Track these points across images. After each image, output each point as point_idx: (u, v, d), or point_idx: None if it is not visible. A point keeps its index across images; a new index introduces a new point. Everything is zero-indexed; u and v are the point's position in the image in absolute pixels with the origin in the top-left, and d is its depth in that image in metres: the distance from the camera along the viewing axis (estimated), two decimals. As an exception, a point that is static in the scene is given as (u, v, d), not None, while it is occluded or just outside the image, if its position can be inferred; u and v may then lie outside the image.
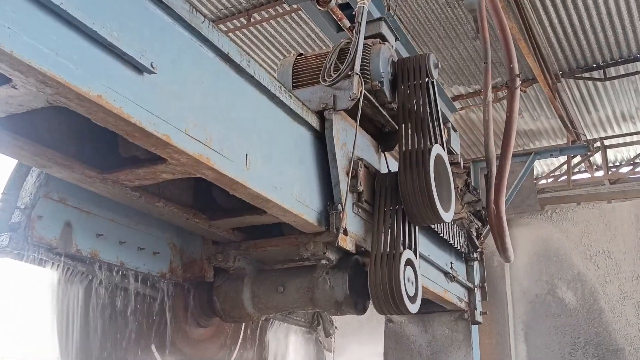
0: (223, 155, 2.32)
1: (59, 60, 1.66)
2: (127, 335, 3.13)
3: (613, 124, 11.72)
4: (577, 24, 8.86)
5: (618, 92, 10.64)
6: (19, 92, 1.75)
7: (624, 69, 9.96)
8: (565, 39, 9.24)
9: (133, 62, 1.89)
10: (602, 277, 8.69)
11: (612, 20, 8.76)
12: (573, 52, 9.60)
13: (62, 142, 2.38)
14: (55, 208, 2.66)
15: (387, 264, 3.06)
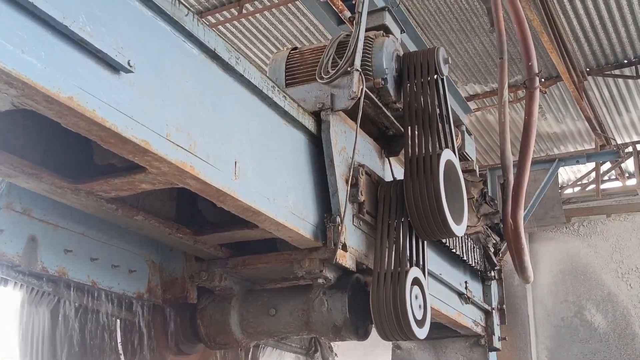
0: (209, 163, 2.31)
1: (24, 59, 1.66)
2: None
3: (646, 126, 11.74)
4: (606, 16, 8.88)
5: (652, 91, 10.66)
6: None
7: (658, 66, 9.98)
8: (592, 32, 9.25)
9: (108, 60, 1.89)
10: (635, 297, 8.71)
11: (645, 11, 8.79)
12: (602, 47, 9.62)
13: (30, 148, 2.38)
14: (18, 220, 2.66)
15: (391, 283, 3.04)
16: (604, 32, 9.26)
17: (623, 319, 8.65)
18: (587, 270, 9.05)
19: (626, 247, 8.94)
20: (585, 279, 9.01)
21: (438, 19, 9.04)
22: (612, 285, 8.87)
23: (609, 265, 8.93)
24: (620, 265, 8.86)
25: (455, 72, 9.93)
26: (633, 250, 8.89)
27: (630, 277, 8.78)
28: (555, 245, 9.26)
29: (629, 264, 8.84)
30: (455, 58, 9.55)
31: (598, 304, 8.87)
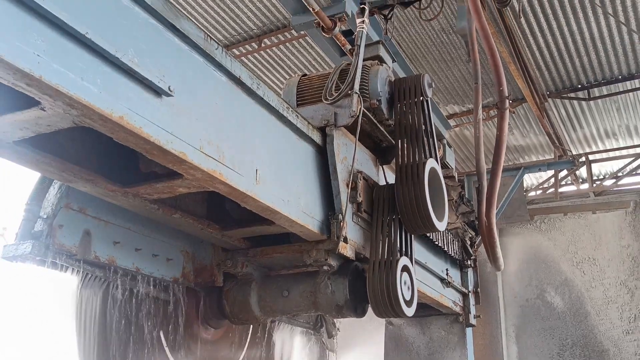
0: (235, 170, 2.32)
1: (84, 85, 1.67)
2: (142, 337, 3.12)
3: (597, 141, 11.72)
4: (563, 48, 8.90)
5: (602, 111, 10.65)
6: (47, 114, 1.77)
7: (606, 90, 9.99)
8: (552, 61, 9.27)
9: (152, 86, 1.90)
10: (587, 282, 8.66)
11: (595, 44, 8.80)
12: (559, 74, 9.63)
13: (87, 158, 2.38)
14: (75, 218, 2.65)
15: (384, 270, 3.04)
16: (562, 61, 9.29)
17: (577, 300, 8.60)
18: (548, 260, 9.01)
19: (580, 240, 8.90)
20: (546, 267, 8.98)
21: (423, 51, 9.06)
22: (568, 272, 8.83)
23: (566, 256, 8.89)
24: (575, 255, 8.82)
25: (437, 95, 9.93)
26: (586, 243, 8.86)
27: (583, 265, 8.74)
28: (521, 239, 9.23)
29: (582, 255, 8.80)
30: (437, 83, 9.56)
31: (557, 287, 8.83)
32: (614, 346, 8.23)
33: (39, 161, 2.19)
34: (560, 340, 8.56)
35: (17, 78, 1.55)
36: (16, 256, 2.49)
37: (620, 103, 10.46)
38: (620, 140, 11.73)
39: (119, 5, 1.84)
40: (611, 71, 9.55)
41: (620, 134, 11.50)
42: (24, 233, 2.52)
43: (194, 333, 3.49)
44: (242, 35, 8.93)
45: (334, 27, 4.60)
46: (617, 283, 8.50)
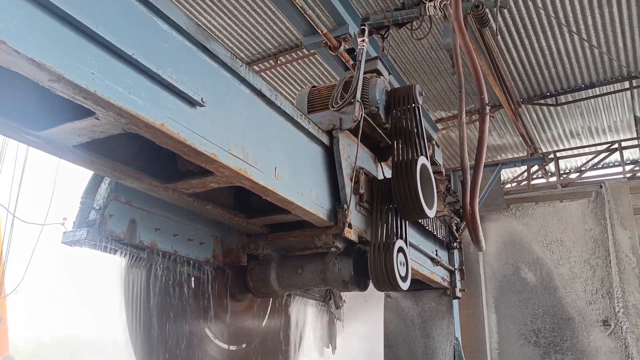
0: (257, 168, 2.32)
1: (131, 98, 1.69)
2: (180, 308, 3.14)
3: (564, 140, 11.66)
4: (534, 61, 8.85)
5: (567, 114, 10.60)
6: (101, 122, 1.79)
7: (571, 97, 9.93)
8: (524, 73, 9.23)
9: (188, 98, 1.91)
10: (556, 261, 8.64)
11: (562, 57, 8.75)
12: (531, 83, 9.58)
13: (133, 159, 2.39)
14: (123, 208, 2.66)
15: (383, 251, 3.05)
16: (533, 73, 9.23)
17: (547, 276, 8.58)
18: (522, 242, 8.99)
19: (549, 225, 8.86)
20: (520, 248, 8.95)
21: (415, 65, 9.03)
22: (539, 252, 8.80)
23: (537, 238, 8.86)
24: (545, 238, 8.79)
25: (427, 102, 9.89)
26: (554, 228, 8.82)
27: (552, 246, 8.71)
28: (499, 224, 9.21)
29: (551, 237, 8.77)
30: (427, 92, 9.54)
31: (529, 265, 8.80)
32: (579, 314, 8.21)
33: (94, 162, 2.20)
34: (533, 310, 8.55)
35: (76, 92, 1.57)
36: (74, 241, 2.51)
37: (583, 108, 10.40)
38: (584, 139, 11.67)
39: (159, 30, 1.86)
40: (575, 80, 9.49)
41: (583, 134, 11.44)
42: (80, 222, 2.54)
43: (223, 304, 3.49)
44: (261, 53, 8.92)
45: (339, 46, 4.60)
46: (581, 261, 8.47)
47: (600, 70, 9.14)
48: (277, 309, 4.12)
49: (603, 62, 8.89)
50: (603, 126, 11.13)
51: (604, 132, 11.40)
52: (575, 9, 7.57)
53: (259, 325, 3.91)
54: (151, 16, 1.82)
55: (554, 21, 7.81)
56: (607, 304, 8.11)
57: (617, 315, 8.01)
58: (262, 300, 3.91)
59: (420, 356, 5.15)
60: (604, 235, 8.44)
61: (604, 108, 10.47)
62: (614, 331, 7.97)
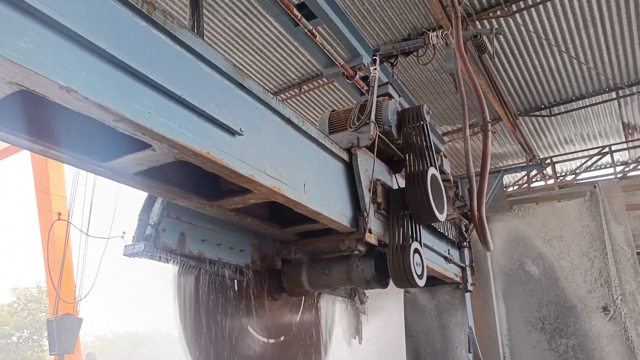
0: (289, 185, 2.34)
1: (181, 131, 1.73)
2: (225, 307, 3.16)
3: (559, 146, 11.47)
4: (529, 78, 8.78)
5: (561, 124, 10.44)
6: (156, 153, 1.83)
7: (564, 108, 9.80)
8: (520, 89, 9.14)
9: (228, 129, 1.95)
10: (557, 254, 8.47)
11: (553, 74, 8.66)
12: (527, 98, 9.49)
13: (184, 182, 2.42)
14: (174, 223, 2.69)
15: (400, 252, 3.04)
16: (528, 89, 9.15)
17: (550, 268, 8.41)
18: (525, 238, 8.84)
19: (549, 223, 8.70)
20: (524, 244, 8.80)
21: (421, 87, 9.03)
22: (541, 247, 8.64)
23: (539, 235, 8.70)
24: (546, 234, 8.63)
25: (434, 118, 9.86)
26: (554, 225, 8.66)
27: (553, 242, 8.54)
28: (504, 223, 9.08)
29: (552, 234, 8.60)
30: (433, 110, 9.51)
31: (533, 259, 8.64)
32: (580, 302, 8.02)
33: (150, 186, 2.25)
34: (538, 299, 8.37)
35: (136, 129, 1.63)
36: (133, 253, 2.56)
37: (575, 117, 10.24)
38: (577, 145, 11.46)
39: (203, 72, 1.91)
40: (567, 93, 9.37)
41: (576, 140, 11.24)
42: (138, 236, 2.58)
43: (262, 303, 3.50)
44: (286, 83, 9.03)
45: (355, 75, 4.63)
46: (580, 254, 8.29)
47: (589, 83, 9.00)
48: (309, 305, 4.12)
49: (591, 76, 8.76)
50: (594, 132, 10.92)
51: (595, 138, 11.18)
52: (564, 30, 7.50)
53: (294, 320, 3.91)
54: (195, 60, 1.87)
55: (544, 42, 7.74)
56: (605, 292, 7.91)
57: (615, 302, 7.79)
58: (296, 299, 3.92)
59: (438, 344, 5.09)
60: (600, 230, 8.25)
61: (594, 116, 10.28)
62: (613, 316, 7.75)
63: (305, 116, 9.68)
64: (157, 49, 1.69)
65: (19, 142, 1.70)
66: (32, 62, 1.30)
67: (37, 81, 1.34)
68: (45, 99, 1.43)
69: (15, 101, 1.51)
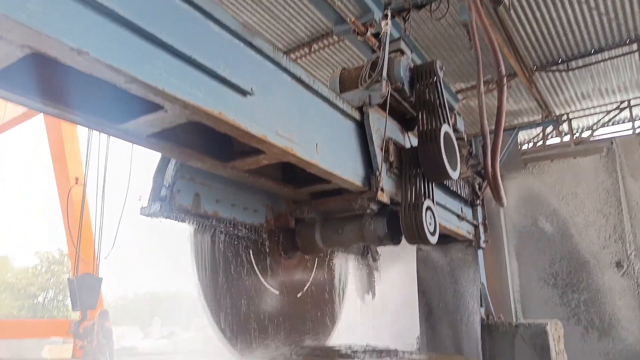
0: (301, 146, 2.34)
1: (193, 92, 1.74)
2: (241, 265, 3.22)
3: (575, 102, 11.21)
4: (545, 31, 8.50)
5: (578, 78, 10.16)
6: (169, 115, 1.85)
7: (582, 62, 9.50)
8: (537, 43, 8.87)
9: (239, 89, 1.95)
10: (571, 211, 8.47)
11: (571, 26, 8.37)
12: (543, 52, 9.21)
13: (197, 143, 2.44)
14: (188, 184, 2.73)
15: (413, 210, 3.03)
16: (544, 42, 8.87)
17: (563, 225, 8.43)
18: (539, 196, 8.82)
19: (564, 180, 8.65)
20: (538, 202, 8.80)
21: (435, 42, 8.82)
22: (555, 204, 8.63)
23: (553, 192, 8.68)
24: (561, 191, 8.60)
25: (447, 76, 9.63)
26: (568, 182, 8.61)
27: (567, 198, 8.52)
28: (518, 181, 9.05)
29: (566, 191, 8.57)
30: (447, 67, 9.29)
31: (547, 216, 8.66)
32: (593, 258, 8.06)
33: (165, 147, 2.28)
34: (551, 256, 8.44)
35: (148, 91, 1.64)
36: (150, 213, 2.61)
37: (593, 71, 9.95)
38: (594, 100, 11.19)
39: (212, 32, 1.90)
40: (585, 46, 9.07)
41: (593, 95, 10.97)
42: (153, 197, 2.63)
43: (277, 261, 3.56)
44: (296, 42, 8.88)
45: (366, 32, 4.53)
46: (594, 211, 8.27)
47: (609, 35, 8.70)
48: (323, 263, 4.17)
49: (611, 27, 8.45)
50: (613, 87, 10.64)
51: (613, 92, 10.90)
52: (583, -21, 7.20)
53: (309, 277, 3.98)
54: (204, 20, 1.85)
55: (563, -8, 7.45)
56: (619, 248, 7.92)
57: (629, 257, 7.82)
58: (310, 257, 3.97)
59: (451, 299, 5.19)
60: (616, 186, 8.18)
61: (613, 70, 9.99)
62: (626, 271, 7.80)
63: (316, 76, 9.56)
64: (167, 9, 1.69)
65: (34, 106, 1.73)
66: (42, 24, 1.32)
67: (47, 43, 1.36)
68: (58, 62, 1.44)
69: (29, 65, 1.53)
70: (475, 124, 11.36)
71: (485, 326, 4.78)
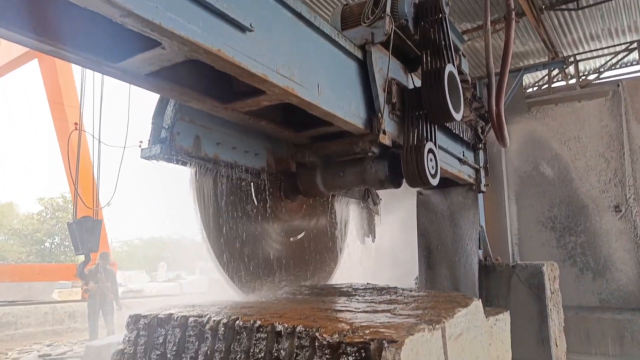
0: (303, 86, 2.30)
1: (191, 27, 1.70)
2: (242, 208, 3.25)
3: (584, 43, 10.92)
4: (557, -34, 8.14)
5: (588, 18, 9.84)
6: (167, 52, 1.81)
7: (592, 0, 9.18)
8: (547, -22, 8.53)
9: (238, 24, 1.89)
10: (573, 155, 8.47)
11: (585, -40, 8.00)
12: (553, -11, 8.88)
13: (197, 84, 2.40)
14: (188, 126, 2.70)
15: (415, 152, 3.02)
16: (555, -22, 8.52)
17: (564, 169, 8.45)
18: (541, 140, 8.79)
19: (567, 124, 8.59)
20: (540, 146, 8.78)
21: (440, -21, 8.47)
22: (557, 149, 8.62)
23: (556, 136, 8.63)
24: (563, 135, 8.55)
25: (452, 15, 9.34)
26: (572, 126, 8.55)
27: (569, 143, 8.49)
28: (521, 125, 8.98)
29: (569, 135, 8.53)
30: (452, 4, 8.99)
31: (548, 161, 8.66)
32: (592, 202, 8.16)
33: (164, 88, 2.24)
34: (550, 200, 8.53)
35: (144, 25, 1.60)
36: (150, 156, 2.62)
37: (604, 10, 9.62)
38: (603, 41, 10.90)
39: (209, -36, 1.82)
40: (597, -17, 8.74)
41: (603, 36, 10.67)
42: (154, 139, 2.62)
43: (279, 204, 3.60)
44: (295, -21, 8.56)
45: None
46: (596, 155, 8.27)
47: (623, -30, 8.34)
48: (324, 206, 4.23)
49: (626, -38, 8.09)
50: (623, 27, 10.33)
51: (623, 33, 10.60)
52: None
53: (310, 220, 4.04)
54: (201, -49, 1.77)
55: None
56: (619, 192, 7.99)
57: (628, 201, 7.91)
58: (311, 200, 4.00)
59: (450, 242, 5.29)
60: (619, 130, 8.13)
61: (625, 8, 9.66)
62: (624, 215, 7.91)
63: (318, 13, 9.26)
64: (161, -63, 1.61)
65: (28, 43, 1.69)
66: (31, -47, 1.26)
67: (38, -26, 1.30)
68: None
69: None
70: (480, 67, 11.14)
71: (483, 267, 4.90)
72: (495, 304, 4.50)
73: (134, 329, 2.44)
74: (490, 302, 4.59)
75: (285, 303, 2.79)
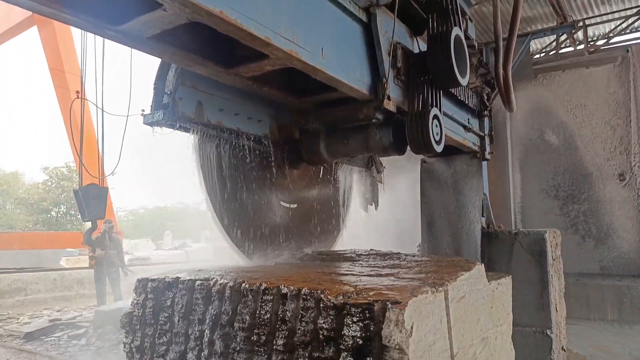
0: (306, 49, 2.26)
1: None
2: (246, 174, 3.26)
3: (593, 7, 10.65)
4: None
5: (599, -20, 9.57)
6: (168, 14, 1.79)
7: (605, -40, 8.89)
8: (558, -61, 8.24)
9: None
10: (578, 123, 8.41)
11: None
12: (564, -50, 8.59)
13: (200, 48, 2.37)
14: (190, 92, 2.69)
15: (419, 118, 3.00)
16: (567, -62, 8.23)
17: (570, 137, 8.41)
18: (547, 107, 8.71)
19: (574, 91, 8.48)
20: (546, 113, 8.70)
21: (447, -60, 8.20)
22: (563, 116, 8.54)
23: (562, 104, 8.55)
24: (570, 103, 8.47)
25: (459, -22, 9.10)
26: (578, 93, 8.45)
27: (575, 110, 8.41)
28: (527, 92, 8.88)
29: (576, 102, 8.44)
30: (459, -32, 8.74)
31: (553, 129, 8.61)
32: (597, 169, 8.14)
33: (166, 52, 2.22)
34: (555, 168, 8.52)
35: (144, -13, 1.57)
36: (153, 122, 2.61)
37: (617, -28, 9.35)
38: (614, 5, 10.62)
39: None
40: (610, -57, 8.44)
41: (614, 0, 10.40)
42: (156, 105, 2.60)
43: (282, 171, 3.60)
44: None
45: None
46: (602, 122, 8.21)
47: None
48: (328, 174, 4.22)
49: None
50: (635, -11, 10.07)
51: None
52: None
53: (313, 188, 4.05)
54: None
55: None
56: (624, 160, 7.96)
57: (632, 169, 7.88)
58: (315, 168, 4.01)
59: (453, 209, 5.31)
60: (627, 97, 8.04)
61: (639, -30, 9.38)
62: (628, 183, 7.91)
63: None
64: None
65: (27, 4, 1.66)
66: None
67: None
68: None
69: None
70: (487, 32, 10.92)
71: (485, 234, 4.94)
72: (497, 271, 4.55)
73: (142, 292, 2.49)
74: (492, 268, 4.64)
75: (290, 268, 2.84)
